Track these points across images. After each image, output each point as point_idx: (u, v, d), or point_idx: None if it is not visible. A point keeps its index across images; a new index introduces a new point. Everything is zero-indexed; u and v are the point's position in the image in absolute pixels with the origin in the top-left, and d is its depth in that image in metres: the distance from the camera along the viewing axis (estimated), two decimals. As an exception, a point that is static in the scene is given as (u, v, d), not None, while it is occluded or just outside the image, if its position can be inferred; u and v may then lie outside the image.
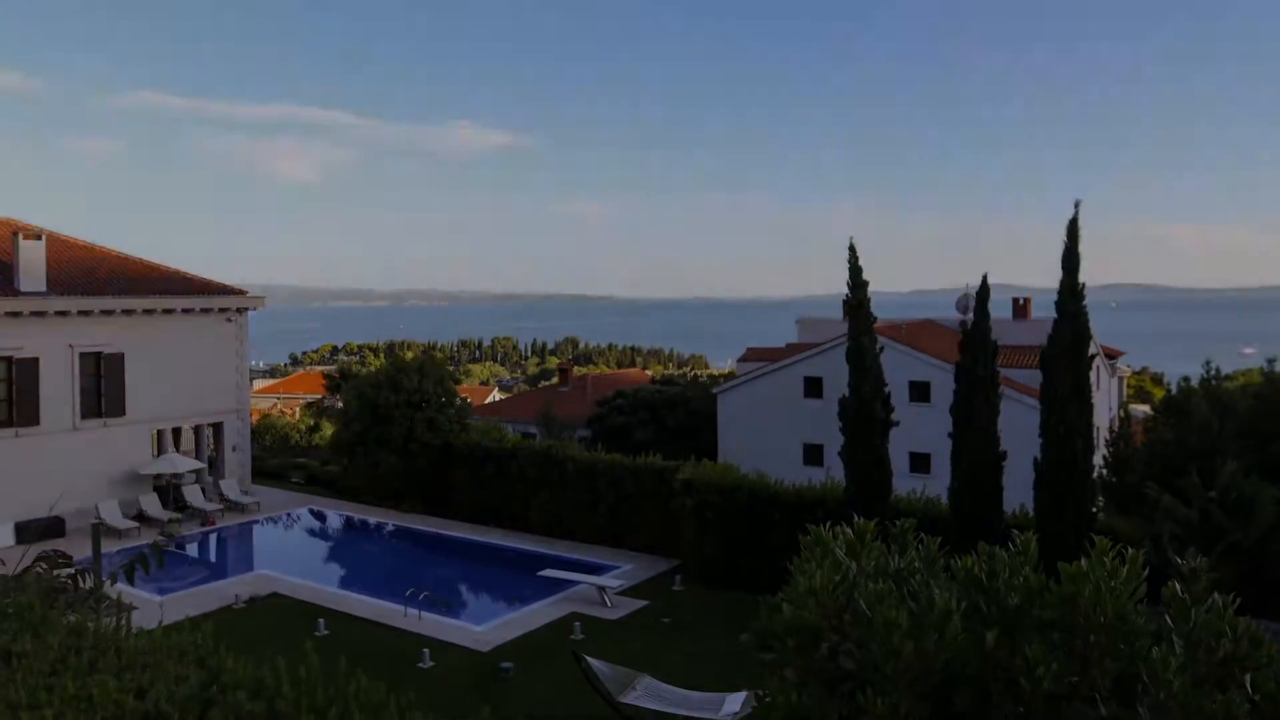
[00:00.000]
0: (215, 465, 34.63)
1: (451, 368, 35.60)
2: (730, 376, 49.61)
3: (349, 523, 32.01)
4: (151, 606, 19.84)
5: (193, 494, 32.41)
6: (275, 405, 79.14)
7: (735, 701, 15.54)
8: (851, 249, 21.74)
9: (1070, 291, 19.08)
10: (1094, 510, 19.70)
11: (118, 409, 31.29)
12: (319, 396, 63.51)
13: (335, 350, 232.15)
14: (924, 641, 4.03)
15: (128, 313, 31.37)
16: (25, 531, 27.41)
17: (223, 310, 34.23)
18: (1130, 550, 4.17)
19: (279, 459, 42.84)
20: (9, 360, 28.86)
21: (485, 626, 21.47)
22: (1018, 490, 21.47)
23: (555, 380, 68.83)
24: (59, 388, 29.85)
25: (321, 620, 21.12)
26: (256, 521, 31.76)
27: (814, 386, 42.22)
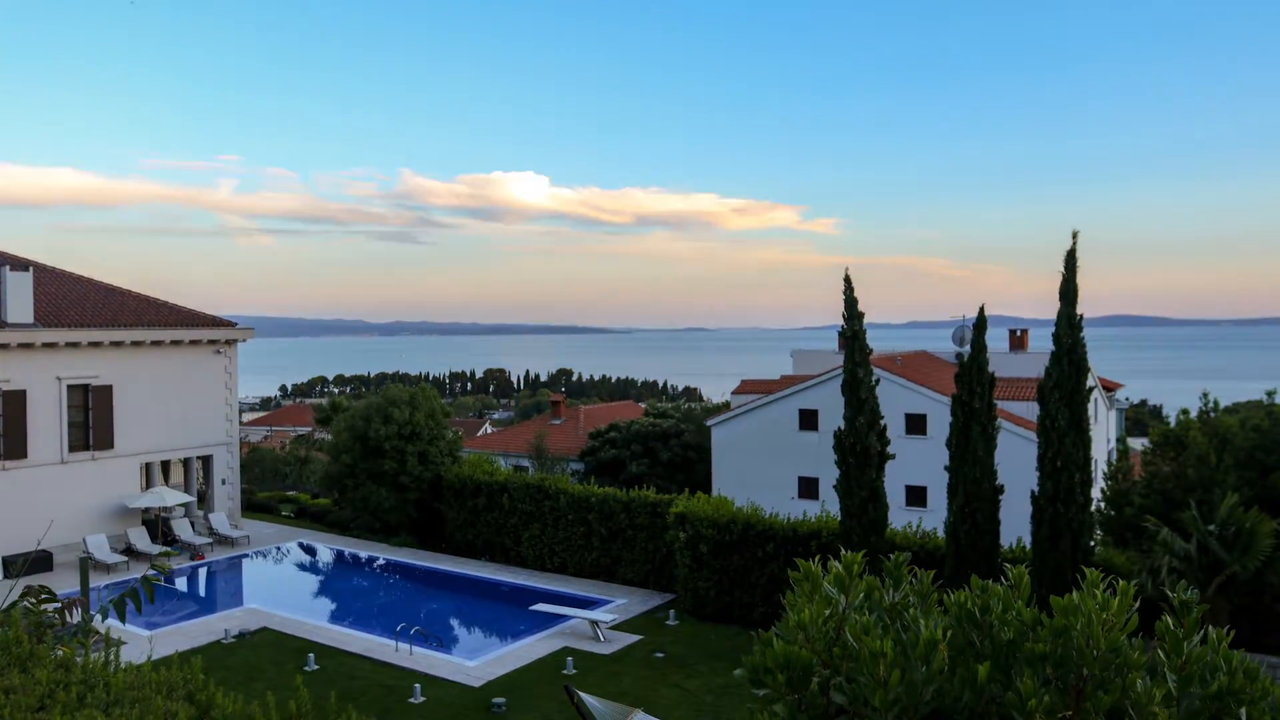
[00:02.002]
0: (204, 499, 34.42)
1: (443, 400, 35.45)
2: (725, 409, 49.56)
3: (339, 557, 31.78)
4: (140, 641, 19.67)
5: (182, 528, 32.18)
6: (265, 438, 78.85)
7: (729, 737, 15.38)
8: (847, 280, 21.69)
9: (1068, 323, 19.06)
10: (1092, 543, 19.63)
11: (106, 442, 31.11)
12: (309, 429, 63.29)
13: (325, 382, 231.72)
14: (911, 672, 4.02)
15: (116, 344, 31.28)
16: (12, 565, 27.15)
17: (212, 342, 34.16)
18: (1121, 582, 4.18)
19: (269, 492, 42.63)
20: (-1, 392, 28.72)
21: (477, 661, 21.28)
22: (1015, 524, 21.44)
23: (548, 413, 68.67)
24: (47, 420, 29.69)
25: (312, 655, 20.93)
26: (246, 555, 31.52)
27: (809, 419, 42.20)
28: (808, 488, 41.09)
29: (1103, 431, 43.09)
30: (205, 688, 5.68)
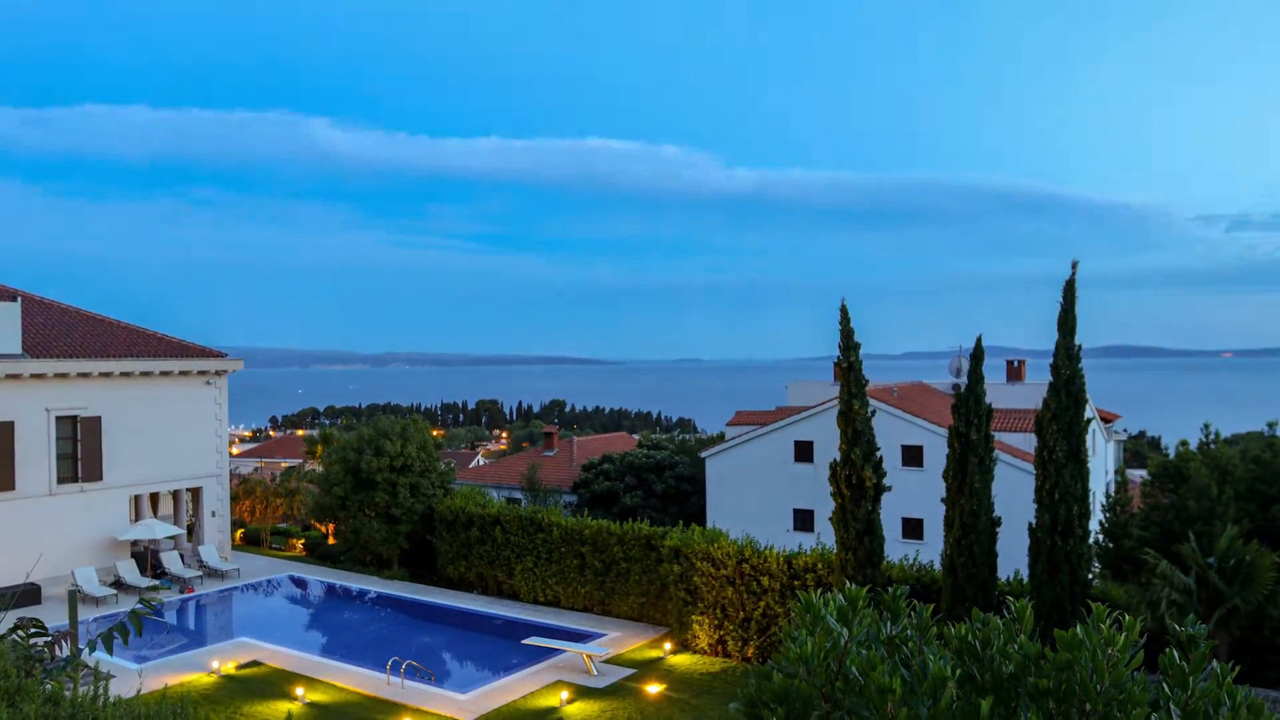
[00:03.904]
0: (194, 531, 34.14)
1: (436, 431, 35.30)
2: (719, 440, 49.47)
3: (330, 589, 31.49)
4: (129, 675, 19.44)
5: (171, 560, 31.88)
6: (256, 470, 78.39)
7: (724, 774, 15.21)
8: (843, 310, 21.60)
9: (1066, 354, 19.01)
10: (1090, 577, 19.50)
11: (95, 473, 30.88)
12: (300, 461, 62.95)
13: (317, 414, 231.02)
14: (917, 709, 3.97)
15: (105, 375, 31.10)
16: (0, 599, 26.88)
17: (202, 373, 34.01)
18: (1127, 617, 4.14)
19: (259, 524, 42.29)
20: (-12, 423, 28.52)
21: (469, 695, 21.05)
22: (1012, 557, 21.34)
23: (541, 445, 68.47)
24: (35, 452, 29.45)
25: (302, 689, 20.70)
26: (236, 588, 31.23)
27: (804, 450, 42.11)
28: (803, 520, 40.92)
29: (1101, 463, 43.13)
30: (194, 723, 5.59)
